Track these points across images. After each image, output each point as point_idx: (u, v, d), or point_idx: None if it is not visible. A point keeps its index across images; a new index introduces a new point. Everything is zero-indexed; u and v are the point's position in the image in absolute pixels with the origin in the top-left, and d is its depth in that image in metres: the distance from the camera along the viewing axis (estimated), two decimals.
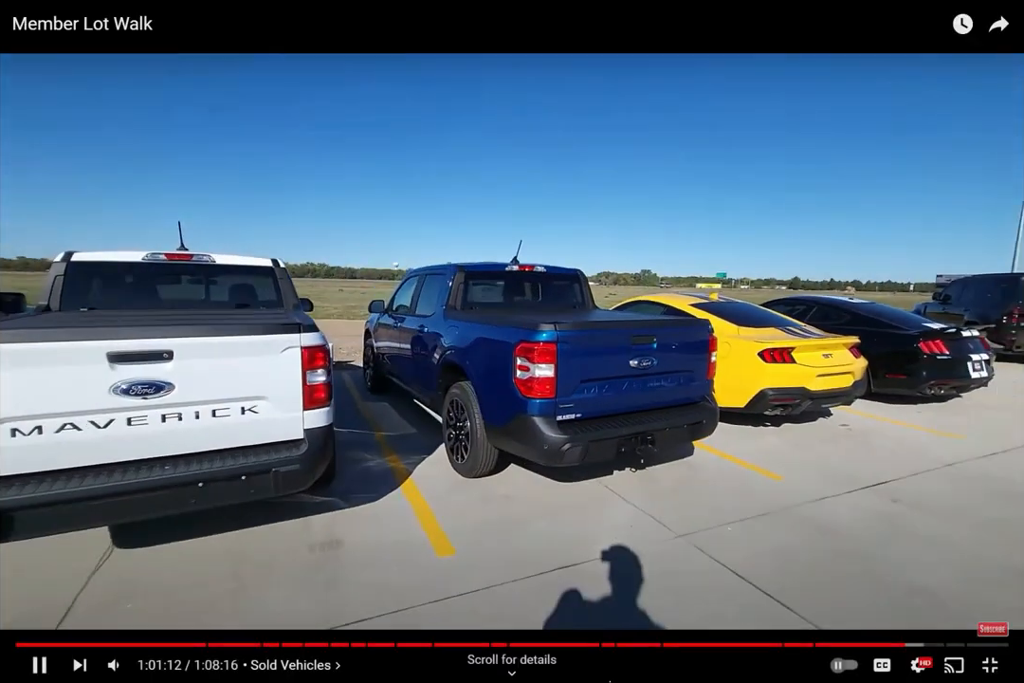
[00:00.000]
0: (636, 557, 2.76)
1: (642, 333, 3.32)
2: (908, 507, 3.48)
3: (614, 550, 2.82)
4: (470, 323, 3.76)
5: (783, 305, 7.90)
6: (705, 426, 3.65)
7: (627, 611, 2.30)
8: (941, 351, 6.03)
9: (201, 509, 2.42)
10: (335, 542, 2.85)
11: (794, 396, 4.81)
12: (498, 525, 3.10)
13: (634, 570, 2.64)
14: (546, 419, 3.04)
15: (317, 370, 2.62)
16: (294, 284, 4.28)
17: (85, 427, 2.17)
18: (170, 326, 2.31)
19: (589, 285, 5.10)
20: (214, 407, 2.40)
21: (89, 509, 2.16)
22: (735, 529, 3.11)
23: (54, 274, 3.32)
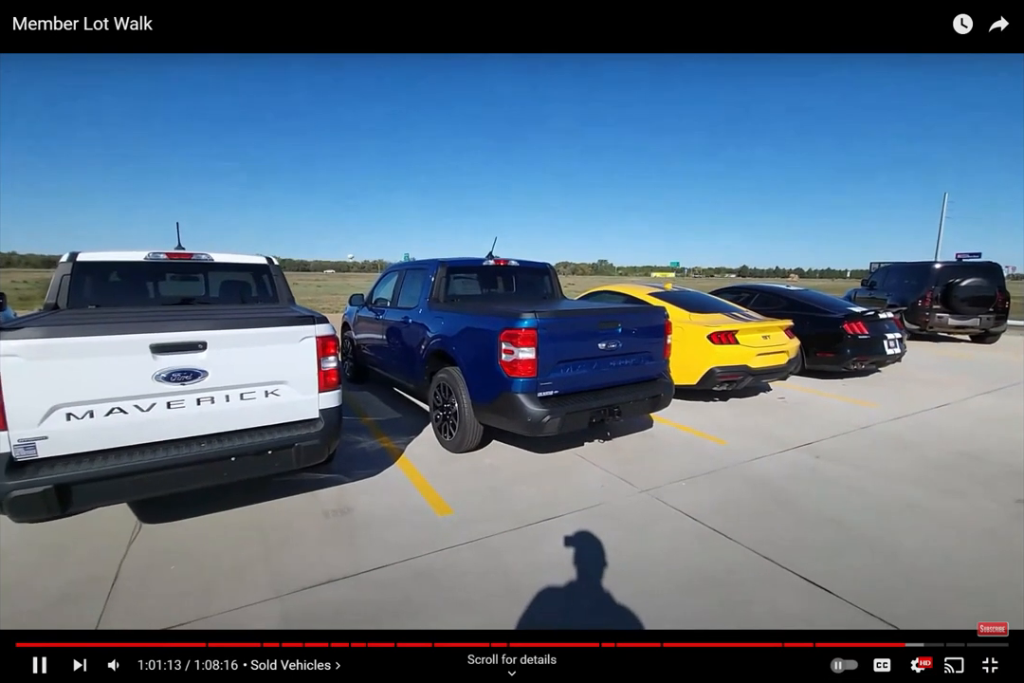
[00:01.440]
0: (608, 508, 3.28)
1: (608, 319, 3.83)
2: (827, 461, 4.16)
3: (589, 503, 3.33)
4: (456, 313, 4.16)
5: (730, 293, 8.67)
6: (663, 399, 4.23)
7: (601, 549, 2.81)
8: (862, 331, 6.88)
9: (233, 481, 2.74)
10: (346, 508, 3.23)
11: (738, 373, 5.48)
12: (488, 489, 3.56)
13: (606, 518, 3.16)
14: (529, 395, 3.50)
15: (329, 357, 2.97)
16: None
17: (131, 411, 2.46)
18: (203, 320, 2.61)
19: (558, 277, 5.58)
20: (242, 391, 2.72)
21: (136, 482, 2.46)
22: (688, 484, 3.69)
23: (61, 274, 3.47)
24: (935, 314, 10.90)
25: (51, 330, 2.26)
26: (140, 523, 3.02)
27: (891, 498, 3.45)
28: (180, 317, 2.69)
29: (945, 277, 10.92)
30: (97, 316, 2.91)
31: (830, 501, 3.41)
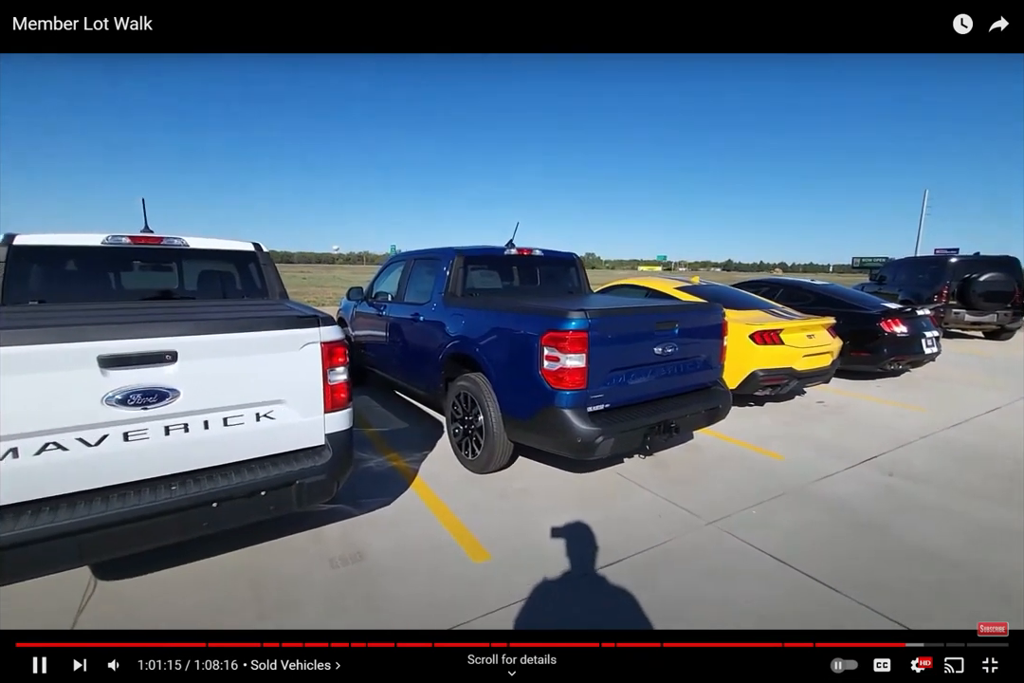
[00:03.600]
0: (674, 549, 2.71)
1: (667, 318, 3.23)
2: (902, 479, 3.66)
3: (649, 541, 2.76)
4: (481, 311, 3.53)
5: (748, 287, 8.15)
6: (721, 410, 3.66)
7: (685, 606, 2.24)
8: (900, 329, 6.42)
9: (213, 533, 2.11)
10: (357, 553, 2.61)
11: (783, 376, 4.95)
12: (525, 522, 2.96)
13: (677, 564, 2.59)
14: (577, 411, 2.90)
15: (337, 368, 2.33)
16: None
17: (72, 446, 1.80)
18: (172, 322, 1.95)
19: (584, 269, 4.97)
20: (225, 415, 2.07)
21: (81, 544, 1.81)
22: (759, 512, 3.14)
23: None
24: (951, 310, 10.55)
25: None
26: (95, 580, 2.37)
27: (997, 526, 2.96)
28: (141, 318, 2.03)
29: (961, 272, 10.57)
30: (31, 316, 2.23)
31: (924, 529, 2.92)
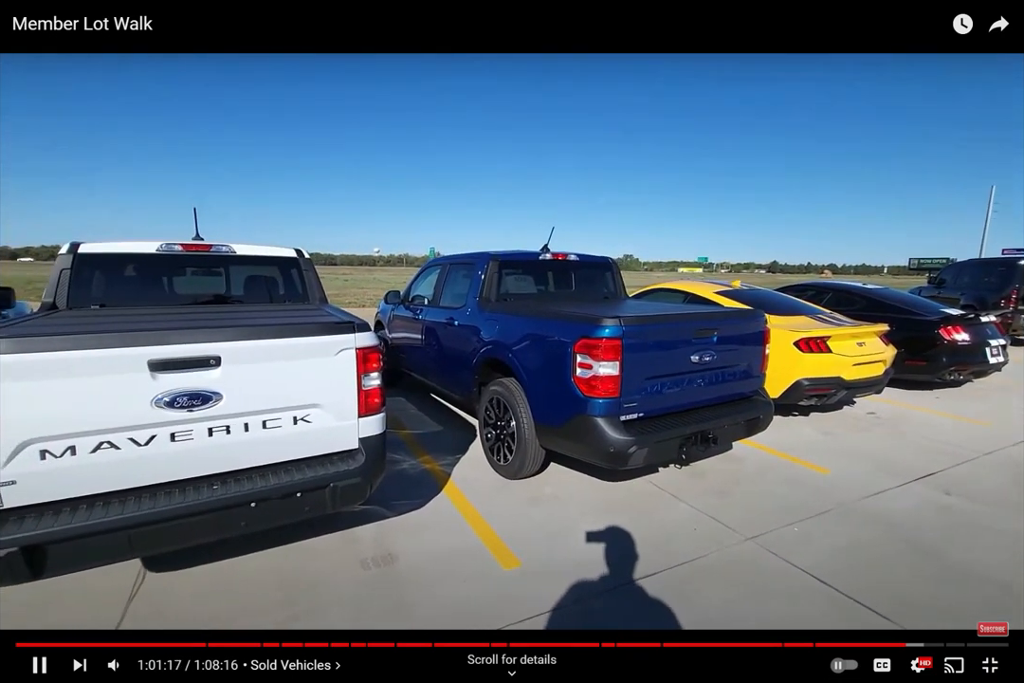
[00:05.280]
0: (710, 564, 2.62)
1: (705, 326, 3.13)
2: (964, 499, 3.41)
3: (685, 555, 2.67)
4: (515, 316, 3.52)
5: (793, 291, 7.82)
6: (762, 421, 3.52)
7: (721, 625, 2.16)
8: (961, 337, 6.01)
9: (250, 532, 2.18)
10: (389, 556, 2.64)
11: (830, 386, 4.72)
12: (556, 529, 2.93)
13: (712, 578, 2.50)
14: (610, 420, 2.85)
15: (372, 373, 2.37)
16: None
17: (124, 445, 1.90)
18: (216, 328, 2.03)
19: (621, 274, 4.89)
20: (264, 418, 2.14)
21: (132, 538, 1.90)
22: (801, 530, 3.00)
23: (60, 268, 2.96)
24: (1020, 316, 9.81)
25: (15, 343, 1.71)
26: (145, 571, 2.49)
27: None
28: (187, 324, 2.13)
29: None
30: (92, 321, 2.37)
31: (984, 555, 2.70)
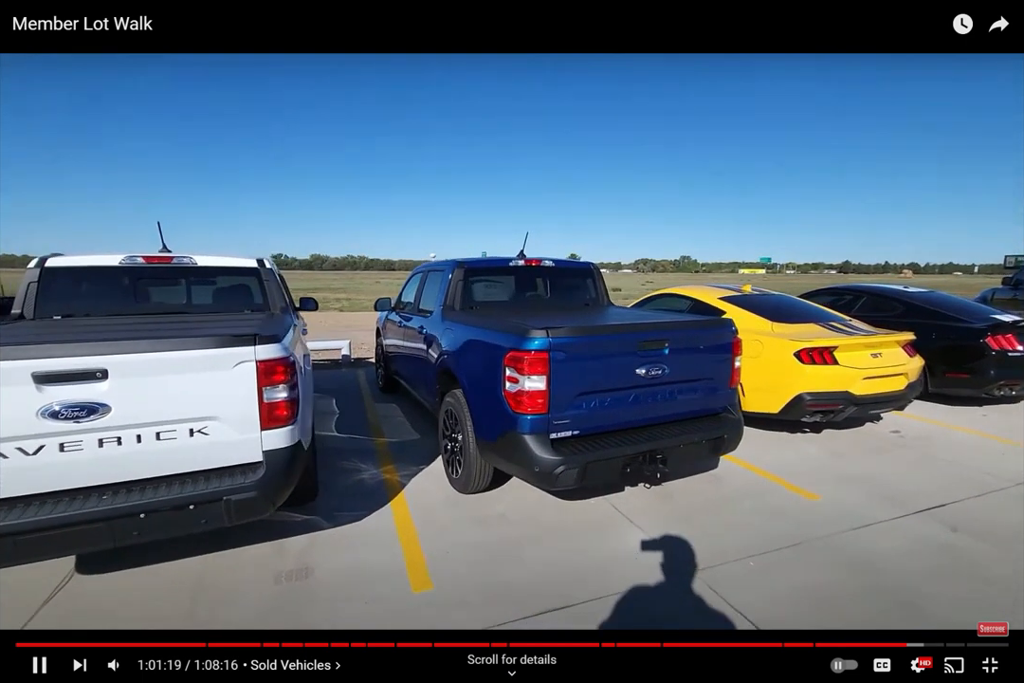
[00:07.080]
0: (636, 597, 2.41)
1: (651, 337, 2.89)
2: (970, 537, 2.96)
3: (611, 589, 2.46)
4: (464, 325, 3.43)
5: (827, 295, 7.22)
6: (728, 441, 3.21)
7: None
8: (1012, 347, 5.29)
9: (146, 541, 2.21)
10: (305, 571, 2.61)
11: (836, 401, 4.27)
12: (486, 552, 2.80)
13: (632, 613, 2.29)
14: (538, 437, 2.69)
15: (277, 386, 2.35)
16: (288, 284, 4.06)
17: (11, 454, 1.99)
18: (104, 341, 2.08)
19: (604, 280, 4.67)
20: (158, 429, 2.17)
21: (19, 544, 1.97)
22: (759, 564, 2.70)
23: (28, 281, 3.20)
24: None
25: None
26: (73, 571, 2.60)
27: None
28: (75, 337, 2.20)
29: None
30: (32, 331, 2.51)
31: (972, 613, 2.28)
